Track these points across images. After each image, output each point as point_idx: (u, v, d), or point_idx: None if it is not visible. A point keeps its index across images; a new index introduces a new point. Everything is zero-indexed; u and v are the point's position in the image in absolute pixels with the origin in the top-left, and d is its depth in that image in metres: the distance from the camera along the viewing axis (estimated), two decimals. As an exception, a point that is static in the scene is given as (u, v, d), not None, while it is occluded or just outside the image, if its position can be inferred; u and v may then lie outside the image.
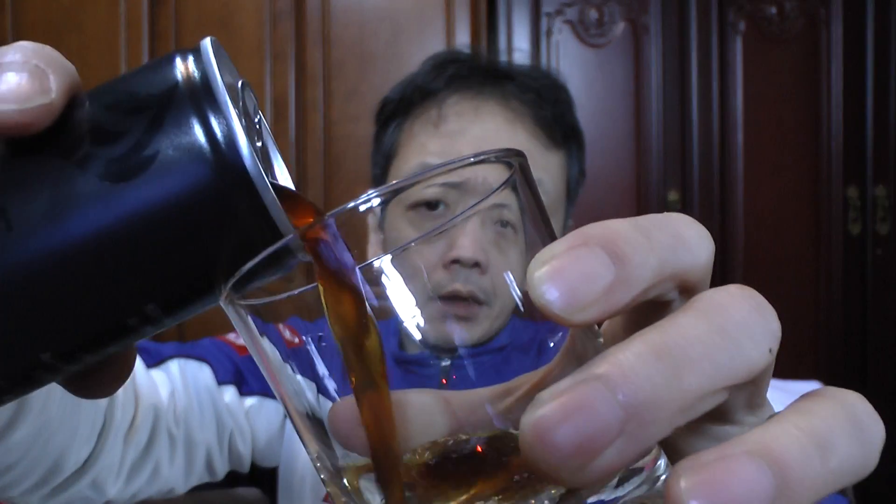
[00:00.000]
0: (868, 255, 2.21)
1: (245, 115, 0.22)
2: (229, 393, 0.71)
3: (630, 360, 0.18)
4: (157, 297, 0.22)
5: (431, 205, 0.72)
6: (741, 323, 0.20)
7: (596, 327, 0.24)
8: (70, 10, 2.05)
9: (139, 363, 0.64)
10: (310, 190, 2.11)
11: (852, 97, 2.19)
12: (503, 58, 1.11)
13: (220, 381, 0.71)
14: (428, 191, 0.71)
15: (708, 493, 0.17)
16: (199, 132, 0.21)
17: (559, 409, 0.18)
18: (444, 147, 0.74)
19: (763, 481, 0.18)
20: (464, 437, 0.24)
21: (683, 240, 0.21)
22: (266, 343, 0.23)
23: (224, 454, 0.71)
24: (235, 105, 0.22)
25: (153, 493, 0.65)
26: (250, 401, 0.72)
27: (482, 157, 0.23)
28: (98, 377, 0.26)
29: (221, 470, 0.71)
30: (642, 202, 2.22)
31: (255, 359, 0.24)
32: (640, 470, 0.22)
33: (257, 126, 0.24)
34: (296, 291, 0.23)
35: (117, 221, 0.21)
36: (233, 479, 0.75)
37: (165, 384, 0.66)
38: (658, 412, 0.18)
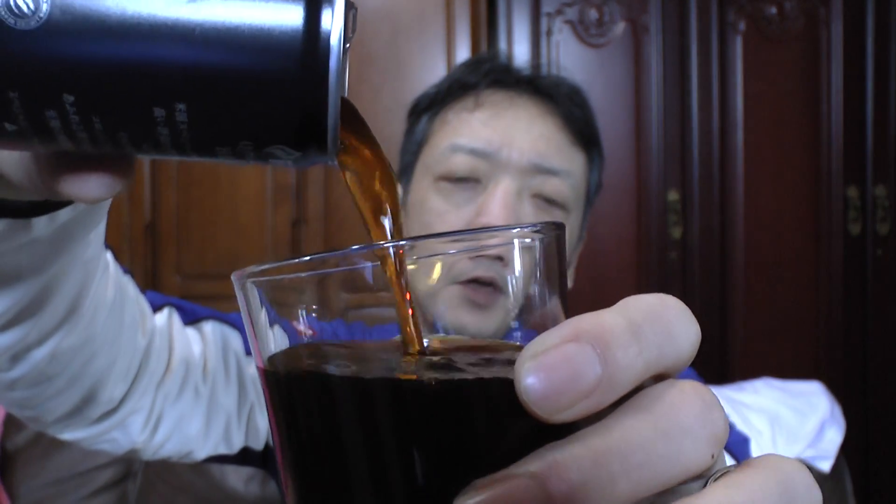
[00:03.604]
0: (868, 255, 2.21)
1: (345, 26, 0.23)
2: (254, 366, 0.71)
3: (567, 462, 0.19)
4: (190, 100, 0.22)
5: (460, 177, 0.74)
6: (686, 427, 0.20)
7: None
8: None
9: (177, 319, 0.65)
10: (310, 190, 2.11)
11: (852, 97, 2.19)
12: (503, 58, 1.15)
13: (248, 352, 0.71)
14: (458, 162, 0.75)
15: None
16: (305, 7, 0.22)
17: (487, 500, 0.18)
18: (477, 130, 0.77)
19: None
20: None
21: (672, 336, 0.22)
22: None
23: (242, 425, 0.71)
24: (346, 11, 0.23)
25: (173, 453, 0.66)
26: None
27: (524, 229, 0.23)
28: (89, 170, 0.26)
29: (237, 442, 0.71)
30: (642, 202, 2.22)
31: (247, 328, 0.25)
32: None
33: (346, 48, 0.25)
34: (304, 273, 0.24)
35: (191, 20, 0.22)
36: (244, 457, 0.74)
37: (198, 342, 0.67)
38: None
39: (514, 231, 0.24)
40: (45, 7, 0.21)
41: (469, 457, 0.21)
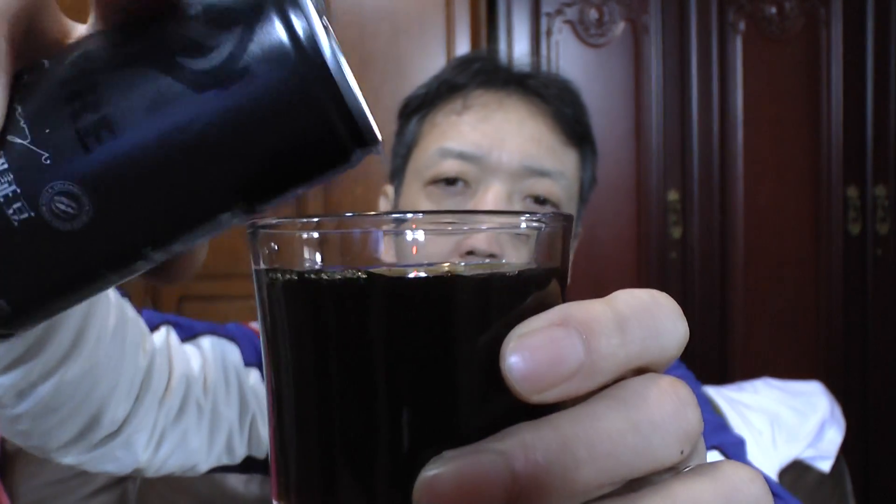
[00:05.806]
0: (868, 255, 2.21)
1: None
2: (254, 375, 0.71)
3: (535, 443, 0.19)
4: (249, 194, 0.24)
5: (450, 181, 0.74)
6: (658, 422, 0.21)
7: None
8: None
9: (174, 336, 0.65)
10: (310, 190, 2.10)
11: (852, 97, 2.19)
12: (503, 58, 1.15)
13: (247, 363, 0.71)
14: (447, 167, 0.74)
15: None
16: (283, 34, 0.22)
17: (454, 472, 0.19)
18: (465, 133, 0.76)
19: None
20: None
21: (658, 333, 0.22)
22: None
23: (244, 435, 0.71)
24: (317, 10, 0.23)
25: (177, 468, 0.66)
26: None
27: (532, 217, 0.24)
28: (178, 264, 0.27)
29: (240, 453, 0.71)
30: (642, 202, 2.22)
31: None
32: None
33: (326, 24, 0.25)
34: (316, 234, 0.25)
35: (212, 127, 0.22)
36: (247, 466, 0.74)
37: (197, 357, 0.67)
38: (547, 498, 0.19)
39: (523, 218, 0.24)
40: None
41: (446, 356, 0.21)
